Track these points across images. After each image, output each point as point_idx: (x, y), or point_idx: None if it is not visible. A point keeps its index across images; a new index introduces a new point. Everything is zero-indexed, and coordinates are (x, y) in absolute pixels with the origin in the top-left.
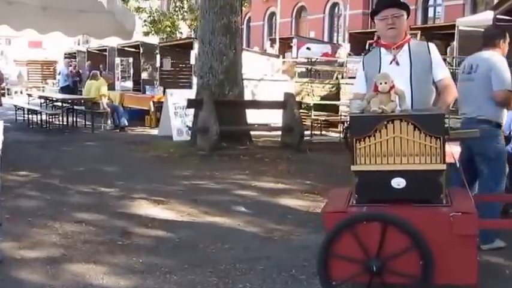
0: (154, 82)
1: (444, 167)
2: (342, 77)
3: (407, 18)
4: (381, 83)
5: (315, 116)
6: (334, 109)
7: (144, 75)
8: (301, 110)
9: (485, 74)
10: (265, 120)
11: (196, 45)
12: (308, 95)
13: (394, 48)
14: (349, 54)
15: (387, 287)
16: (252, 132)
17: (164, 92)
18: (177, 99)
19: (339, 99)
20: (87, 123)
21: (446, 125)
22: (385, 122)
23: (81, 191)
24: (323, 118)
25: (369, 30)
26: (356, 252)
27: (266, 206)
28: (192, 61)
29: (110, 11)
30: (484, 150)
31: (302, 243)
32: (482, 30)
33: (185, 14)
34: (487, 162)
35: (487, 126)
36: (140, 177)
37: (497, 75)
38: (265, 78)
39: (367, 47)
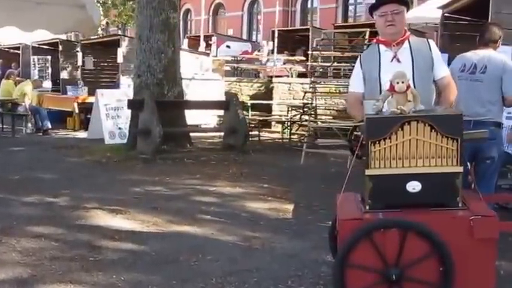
0: (78, 82)
1: (461, 169)
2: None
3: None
4: (397, 83)
5: (252, 116)
6: (266, 109)
7: (64, 74)
8: None
9: (496, 76)
10: (195, 121)
11: (124, 43)
12: (236, 94)
13: (394, 45)
14: (272, 52)
15: None
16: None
17: (89, 92)
18: (109, 99)
19: (268, 98)
20: (4, 126)
21: None
22: (402, 124)
23: (26, 202)
24: (261, 118)
25: (292, 28)
26: (374, 260)
27: (233, 213)
28: (120, 59)
29: (82, 3)
30: (496, 153)
31: (287, 251)
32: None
33: (108, 9)
34: (495, 164)
35: (498, 129)
36: (85, 185)
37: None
38: (196, 78)
39: (314, 44)
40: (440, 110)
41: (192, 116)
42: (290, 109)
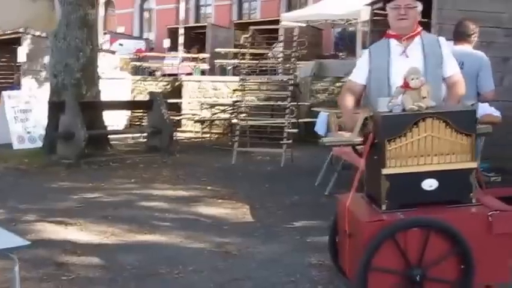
0: None
1: (475, 165)
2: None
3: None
4: (412, 79)
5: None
6: (175, 107)
7: None
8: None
9: (473, 72)
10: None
11: (25, 41)
12: (141, 93)
13: (404, 40)
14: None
15: None
16: None
17: None
18: (16, 102)
19: (175, 97)
20: None
21: None
22: (417, 121)
23: None
24: (178, 118)
25: (189, 25)
26: (397, 262)
27: (191, 218)
28: (21, 59)
29: None
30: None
31: (268, 256)
32: (304, 25)
33: None
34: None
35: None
36: (14, 195)
37: (488, 75)
38: (104, 77)
39: (242, 41)
40: (454, 106)
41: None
42: (203, 107)
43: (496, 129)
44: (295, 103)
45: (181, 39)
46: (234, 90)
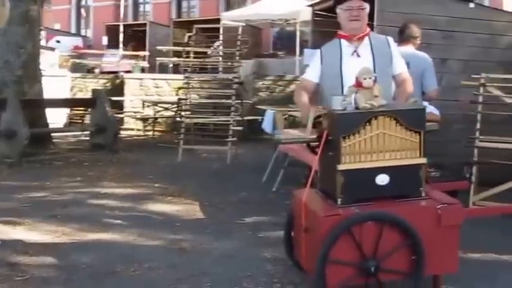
0: None
1: (424, 160)
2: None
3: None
4: (365, 78)
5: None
6: (117, 105)
7: None
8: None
9: (418, 72)
10: None
11: None
12: (81, 91)
13: (355, 40)
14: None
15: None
16: None
17: None
18: None
19: (116, 94)
20: None
21: None
22: (370, 118)
23: None
24: (120, 115)
25: (127, 23)
26: (352, 254)
27: (141, 215)
28: None
29: None
30: None
31: (222, 252)
32: (244, 24)
33: None
34: None
35: None
36: None
37: (433, 75)
38: (43, 74)
39: (185, 40)
40: (404, 104)
41: None
42: (146, 105)
43: None
44: (240, 101)
45: (121, 37)
46: (179, 88)
